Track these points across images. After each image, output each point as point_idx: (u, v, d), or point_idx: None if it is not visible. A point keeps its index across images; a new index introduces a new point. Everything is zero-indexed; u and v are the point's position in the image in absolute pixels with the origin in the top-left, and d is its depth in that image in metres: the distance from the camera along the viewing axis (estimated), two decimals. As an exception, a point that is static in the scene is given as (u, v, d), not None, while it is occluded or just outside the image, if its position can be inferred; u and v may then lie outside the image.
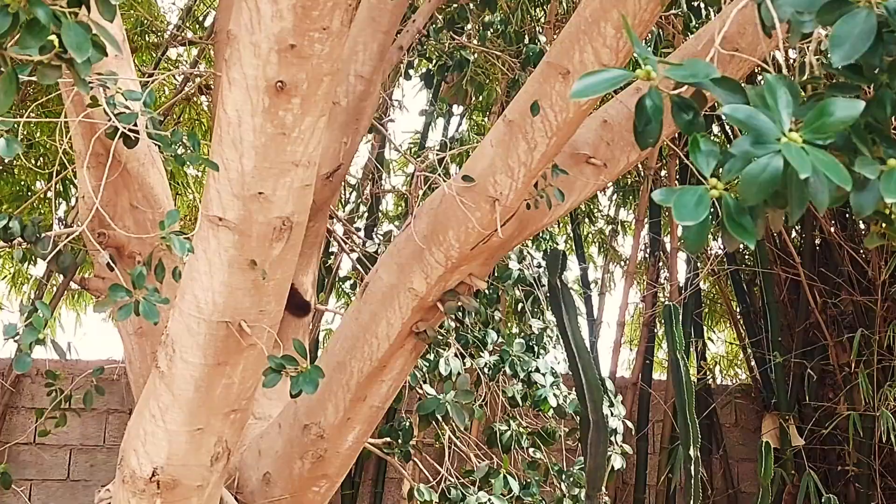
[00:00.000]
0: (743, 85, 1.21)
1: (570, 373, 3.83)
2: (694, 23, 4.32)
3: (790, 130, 1.09)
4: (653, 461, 7.06)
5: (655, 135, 1.24)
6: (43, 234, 2.94)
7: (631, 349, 7.96)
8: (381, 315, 2.89)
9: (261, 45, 2.12)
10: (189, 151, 2.27)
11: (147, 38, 6.76)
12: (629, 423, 4.05)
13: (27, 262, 2.97)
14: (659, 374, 7.75)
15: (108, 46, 1.42)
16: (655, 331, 7.38)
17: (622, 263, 7.82)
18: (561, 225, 8.13)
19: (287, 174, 2.29)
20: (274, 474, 3.10)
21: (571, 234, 7.67)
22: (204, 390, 2.51)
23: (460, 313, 2.98)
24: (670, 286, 7.08)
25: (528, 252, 3.85)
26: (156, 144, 2.34)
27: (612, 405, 3.87)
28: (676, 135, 4.83)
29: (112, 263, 2.86)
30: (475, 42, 4.38)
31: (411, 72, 4.58)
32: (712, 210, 1.14)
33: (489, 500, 3.36)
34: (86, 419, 6.66)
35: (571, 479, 3.68)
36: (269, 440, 3.14)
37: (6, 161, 6.72)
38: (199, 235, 2.38)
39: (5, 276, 7.85)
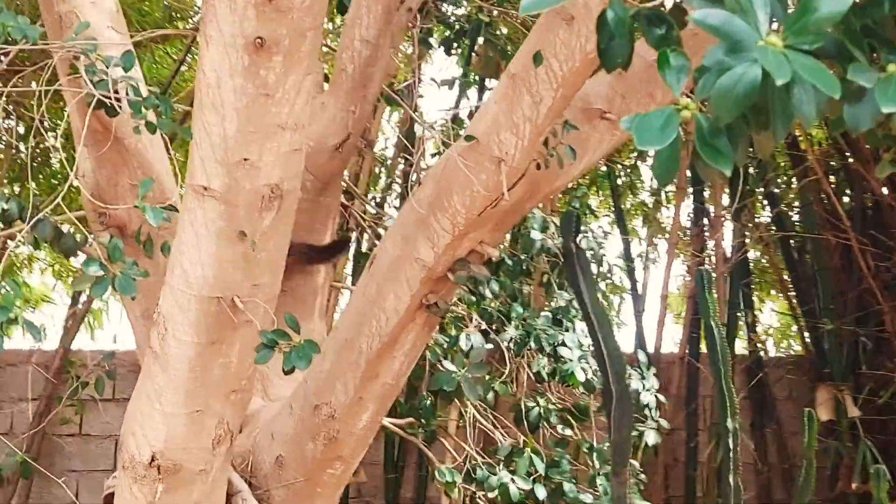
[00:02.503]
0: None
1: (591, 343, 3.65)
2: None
3: (769, 34, 0.92)
4: (704, 437, 6.83)
5: (623, 53, 1.08)
6: (42, 216, 2.85)
7: (676, 323, 7.72)
8: (387, 288, 2.75)
9: (237, 0, 2.00)
10: (163, 117, 2.14)
11: (176, 25, 6.68)
12: (661, 398, 3.84)
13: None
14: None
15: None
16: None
17: (666, 235, 7.57)
18: (602, 199, 7.91)
19: (273, 138, 2.17)
20: (287, 457, 2.98)
21: (613, 208, 7.45)
22: (199, 370, 2.40)
23: (474, 285, 2.81)
24: (716, 255, 6.82)
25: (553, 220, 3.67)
26: (133, 112, 2.21)
27: (643, 378, 3.69)
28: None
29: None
30: (492, 2, 4.20)
31: (431, 40, 4.39)
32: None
33: (512, 479, 3.21)
34: (126, 409, 6.63)
35: (601, 456, 3.51)
36: (281, 422, 3.02)
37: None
38: (186, 206, 2.27)
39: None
